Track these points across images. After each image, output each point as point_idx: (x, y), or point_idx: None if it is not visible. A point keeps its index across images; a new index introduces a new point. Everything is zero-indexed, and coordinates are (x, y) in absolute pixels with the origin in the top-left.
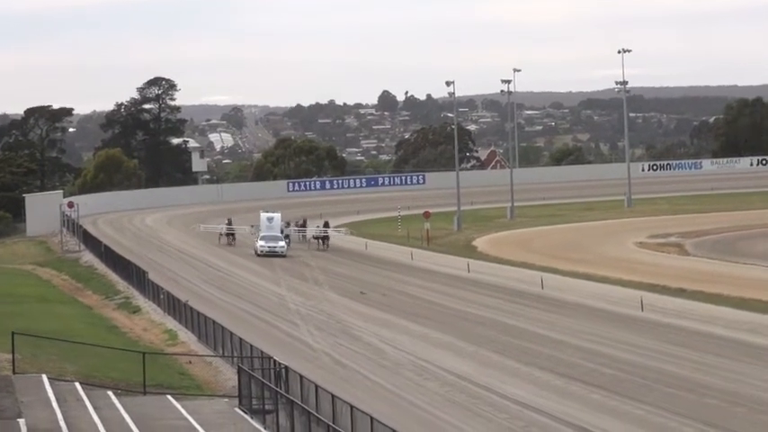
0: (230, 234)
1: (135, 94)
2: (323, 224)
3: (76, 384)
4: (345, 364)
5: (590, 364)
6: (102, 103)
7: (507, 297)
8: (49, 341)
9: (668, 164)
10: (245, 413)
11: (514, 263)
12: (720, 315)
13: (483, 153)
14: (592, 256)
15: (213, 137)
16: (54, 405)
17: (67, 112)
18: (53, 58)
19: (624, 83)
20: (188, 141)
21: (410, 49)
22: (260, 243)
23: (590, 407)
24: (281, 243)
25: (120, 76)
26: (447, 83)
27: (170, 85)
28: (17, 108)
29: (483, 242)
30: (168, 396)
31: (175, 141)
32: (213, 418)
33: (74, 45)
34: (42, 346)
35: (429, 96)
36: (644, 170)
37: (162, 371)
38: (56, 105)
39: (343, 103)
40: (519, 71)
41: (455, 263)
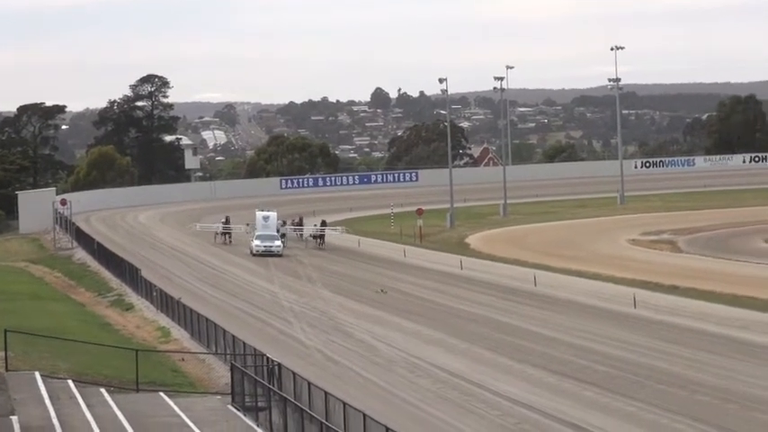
0: (227, 233)
1: (128, 92)
2: (320, 223)
3: (69, 382)
4: (338, 361)
5: (582, 361)
6: (95, 100)
7: (500, 294)
8: (41, 338)
9: (661, 161)
10: (237, 410)
11: (507, 260)
12: (713, 312)
13: (476, 150)
14: (584, 253)
15: (206, 134)
16: (47, 402)
17: (60, 109)
18: (46, 56)
19: (617, 80)
20: (181, 139)
21: (403, 46)
22: (255, 242)
23: (582, 403)
24: (277, 242)
25: (113, 74)
26: (440, 80)
27: (163, 83)
28: (10, 105)
29: (476, 239)
30: (161, 393)
31: (168, 139)
32: (206, 415)
33: (67, 43)
34: (35, 343)
35: (422, 93)
36: (637, 167)
37: (155, 368)
38: (49, 103)
39: (336, 101)
40: (512, 68)
41: (448, 260)
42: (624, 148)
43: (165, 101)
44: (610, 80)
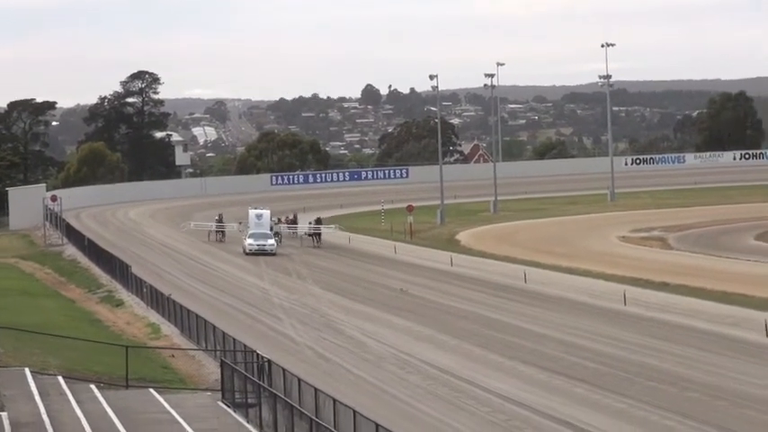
0: (220, 231)
1: (118, 88)
2: (315, 220)
3: (59, 378)
4: (328, 357)
5: (573, 358)
6: (86, 96)
7: (490, 291)
8: (31, 335)
9: (651, 158)
10: (227, 407)
11: (497, 257)
12: (703, 309)
13: (466, 147)
14: (575, 249)
15: (197, 130)
16: (37, 399)
17: (51, 105)
18: (36, 52)
19: (608, 77)
20: (171, 135)
21: (393, 42)
22: (249, 241)
23: (572, 400)
24: (270, 241)
25: (104, 70)
26: (430, 77)
27: (153, 79)
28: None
29: (466, 236)
30: (151, 390)
31: (159, 135)
32: (196, 411)
33: (57, 39)
34: (25, 339)
35: (412, 90)
36: (627, 164)
37: (145, 364)
38: (39, 99)
39: (327, 97)
40: (503, 65)
41: (438, 256)
42: (615, 145)
43: (156, 97)
44: (600, 77)
